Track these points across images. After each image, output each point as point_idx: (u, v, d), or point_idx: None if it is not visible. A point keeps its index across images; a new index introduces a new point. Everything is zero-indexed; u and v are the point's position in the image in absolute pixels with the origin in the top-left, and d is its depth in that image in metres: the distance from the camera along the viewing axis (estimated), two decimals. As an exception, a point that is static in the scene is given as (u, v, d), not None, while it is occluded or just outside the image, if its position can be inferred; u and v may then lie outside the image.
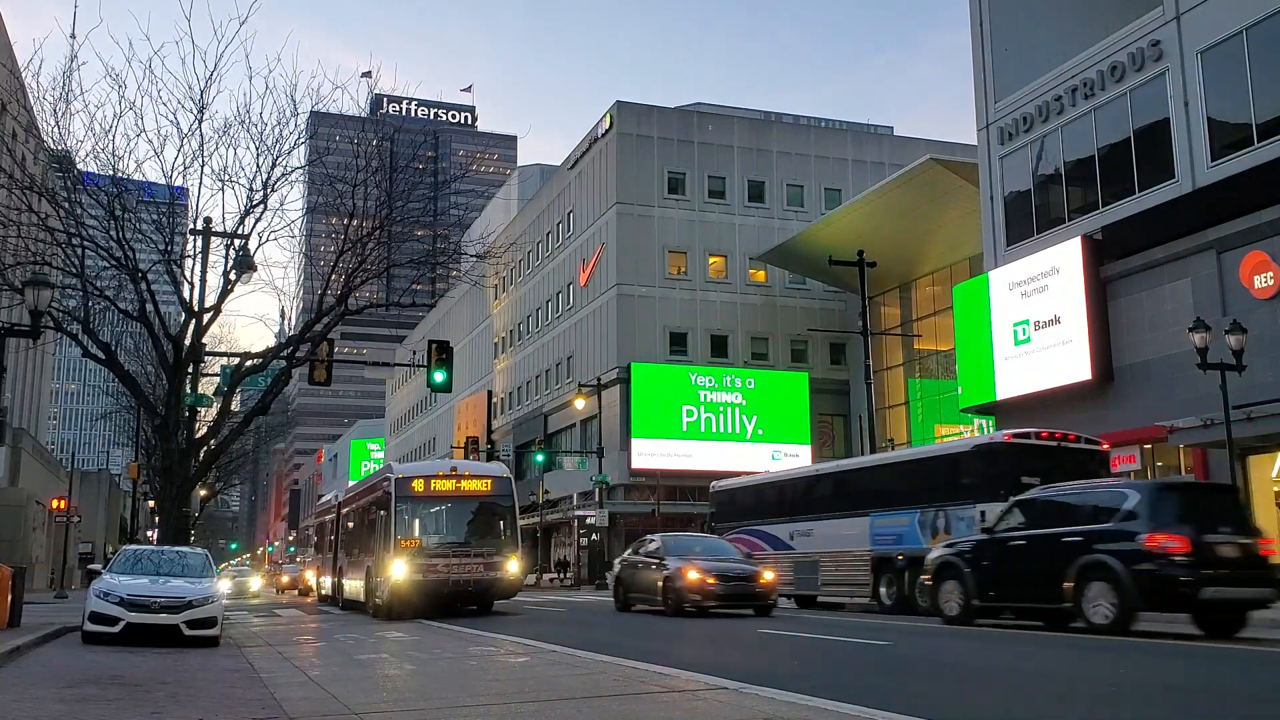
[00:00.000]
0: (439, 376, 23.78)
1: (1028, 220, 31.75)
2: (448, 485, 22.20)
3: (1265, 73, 24.53)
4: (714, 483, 29.94)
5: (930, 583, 17.37)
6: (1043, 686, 9.32)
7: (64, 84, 24.16)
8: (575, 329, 56.90)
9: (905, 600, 20.52)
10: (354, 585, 25.46)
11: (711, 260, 54.02)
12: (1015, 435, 20.09)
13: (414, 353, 63.42)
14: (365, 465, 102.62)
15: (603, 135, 54.45)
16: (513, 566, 21.73)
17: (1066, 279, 29.02)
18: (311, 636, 18.06)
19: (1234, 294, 24.84)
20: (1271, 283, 23.99)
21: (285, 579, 56.28)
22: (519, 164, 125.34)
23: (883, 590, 21.44)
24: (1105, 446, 21.19)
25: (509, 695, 9.09)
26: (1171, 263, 26.77)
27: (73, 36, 31.93)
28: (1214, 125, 25.85)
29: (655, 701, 8.50)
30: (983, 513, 18.26)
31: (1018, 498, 16.44)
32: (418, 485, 22.05)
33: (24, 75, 27.35)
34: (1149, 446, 27.97)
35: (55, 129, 22.79)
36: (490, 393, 69.53)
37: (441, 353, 24.15)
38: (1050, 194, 31.34)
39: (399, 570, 20.62)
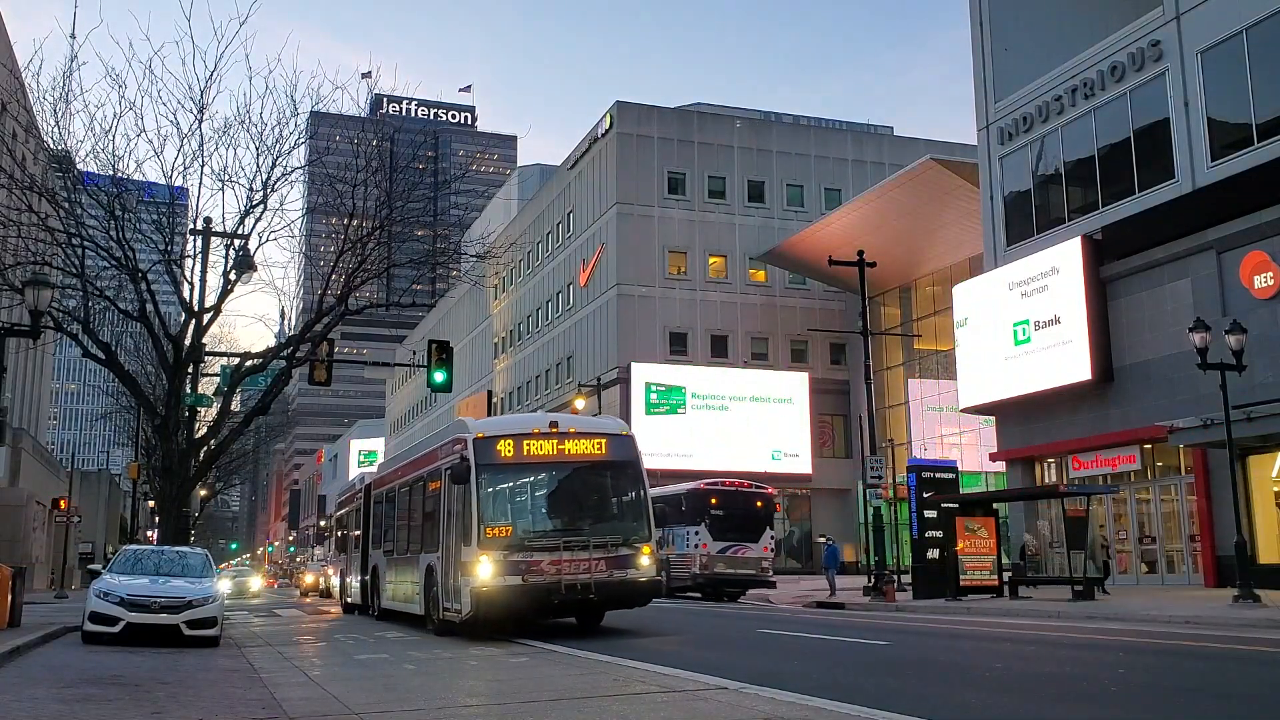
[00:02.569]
0: (439, 376, 23.76)
1: (1028, 220, 31.74)
2: (547, 448, 15.80)
3: (1265, 73, 24.52)
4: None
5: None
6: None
7: (64, 84, 24.13)
8: (575, 329, 56.89)
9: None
10: (402, 589, 19.62)
11: (711, 260, 54.00)
12: (707, 484, 31.39)
13: (414, 353, 63.37)
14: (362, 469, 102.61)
15: (603, 135, 54.44)
16: (645, 561, 15.51)
17: (1066, 279, 29.01)
18: (312, 636, 18.05)
19: (1234, 294, 24.83)
20: (1271, 283, 23.98)
21: (309, 579, 51.68)
22: (519, 164, 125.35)
23: None
24: (771, 491, 32.39)
25: (509, 695, 9.09)
26: (1171, 263, 26.76)
27: (73, 37, 31.98)
28: (1214, 125, 25.84)
29: (655, 701, 8.50)
30: (694, 532, 30.05)
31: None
32: (505, 448, 15.58)
33: (24, 75, 27.36)
34: (1149, 446, 27.97)
35: (55, 129, 22.79)
36: (490, 393, 69.53)
37: (441, 353, 24.12)
38: (1050, 194, 31.34)
39: (485, 570, 14.56)
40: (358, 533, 24.78)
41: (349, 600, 25.84)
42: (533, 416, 19.74)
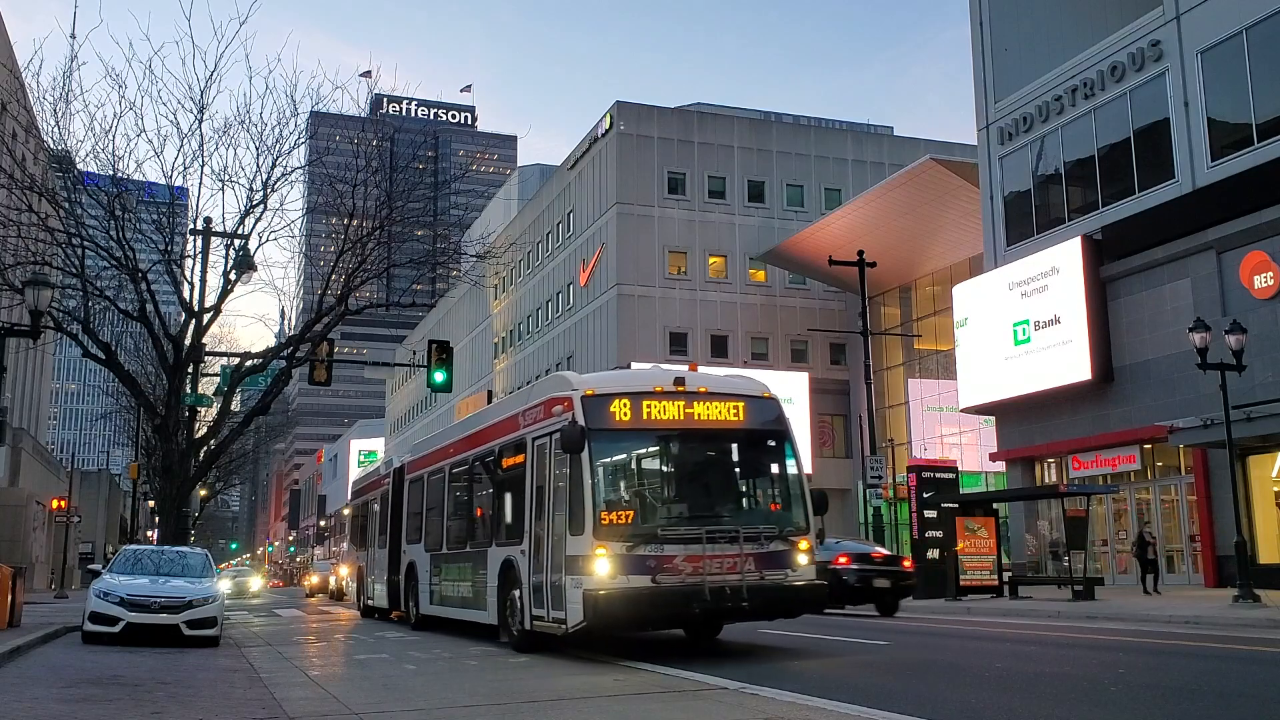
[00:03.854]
0: (439, 376, 23.76)
1: (1028, 220, 31.74)
2: (671, 411, 12.17)
3: (1265, 73, 24.52)
4: None
5: None
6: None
7: (64, 84, 24.20)
8: (575, 329, 56.89)
9: None
10: (456, 591, 15.90)
11: (711, 260, 53.99)
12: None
13: (414, 353, 63.38)
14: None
15: (603, 135, 54.44)
16: (803, 560, 12.04)
17: (1066, 279, 29.01)
18: (313, 636, 18.04)
19: (1234, 294, 24.83)
20: (1271, 283, 23.98)
21: (315, 578, 47.98)
22: (519, 164, 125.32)
23: None
24: None
25: (509, 695, 9.09)
26: (1171, 263, 26.76)
27: (73, 36, 31.99)
28: (1214, 125, 25.85)
29: (655, 701, 8.50)
30: None
31: None
32: (621, 410, 12.00)
33: (24, 75, 27.36)
34: (1149, 446, 27.97)
35: (55, 129, 22.81)
36: (490, 393, 69.49)
37: (441, 353, 24.13)
38: (1050, 194, 31.33)
39: (603, 568, 11.12)
40: (384, 525, 21.30)
41: (369, 602, 22.57)
42: (647, 371, 14.85)
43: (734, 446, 13.02)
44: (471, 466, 15.81)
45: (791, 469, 12.76)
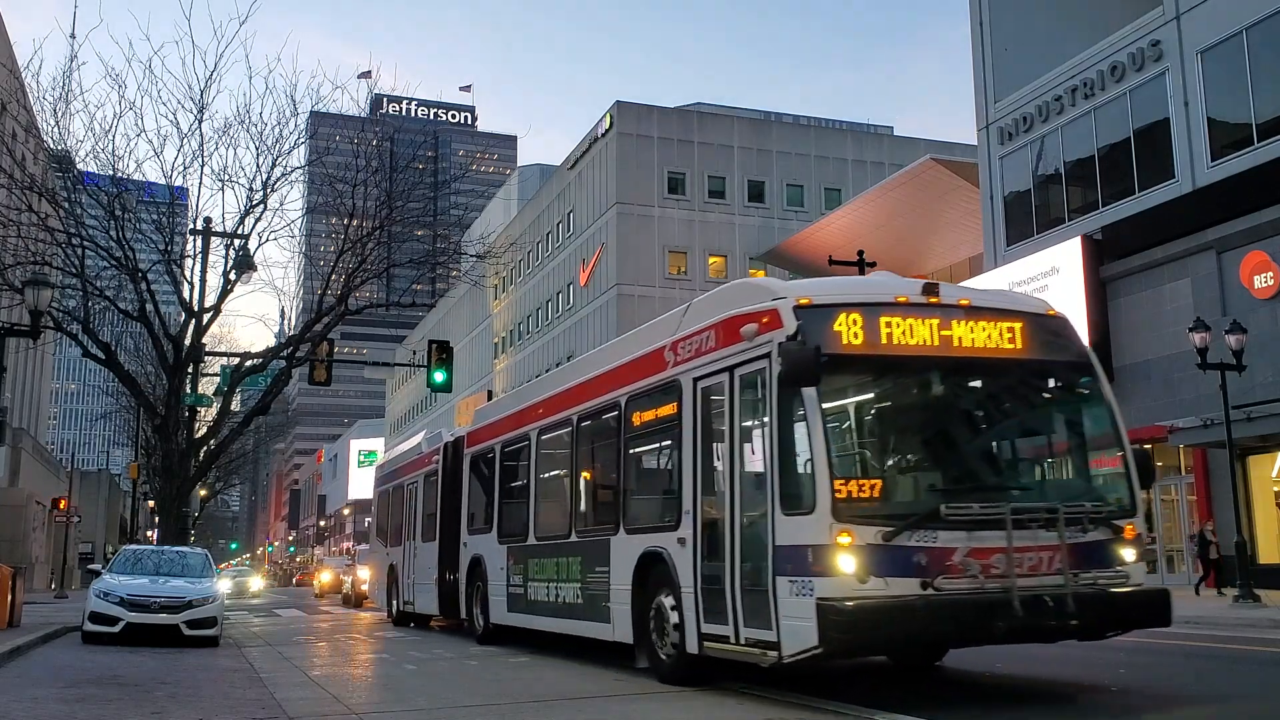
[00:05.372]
0: (439, 376, 23.74)
1: (1028, 220, 31.73)
2: (922, 332, 8.23)
3: (1265, 73, 24.52)
4: None
5: None
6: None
7: (64, 84, 24.24)
8: (575, 329, 56.89)
9: None
10: (559, 594, 12.10)
11: (711, 260, 54.01)
12: None
13: (414, 353, 63.40)
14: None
15: (602, 135, 54.46)
16: (1130, 554, 8.19)
17: (1066, 279, 28.99)
18: (314, 637, 18.03)
19: (1234, 294, 24.82)
20: (1271, 283, 23.97)
21: (327, 576, 41.93)
22: (519, 164, 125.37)
23: None
24: None
25: (510, 695, 9.08)
26: (1171, 263, 26.75)
27: (73, 36, 31.96)
28: (1214, 125, 25.84)
29: (656, 701, 8.49)
30: None
31: None
32: (848, 329, 8.03)
33: (24, 75, 27.36)
34: (1149, 446, 27.90)
35: (55, 129, 22.84)
36: (490, 393, 69.40)
37: (441, 353, 24.11)
38: (1050, 194, 31.33)
39: (848, 564, 7.38)
40: (431, 514, 17.75)
41: (405, 608, 19.19)
42: (875, 277, 11.08)
43: (1021, 386, 8.98)
44: (577, 428, 12.07)
45: (1108, 420, 8.77)
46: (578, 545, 11.59)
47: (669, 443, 9.91)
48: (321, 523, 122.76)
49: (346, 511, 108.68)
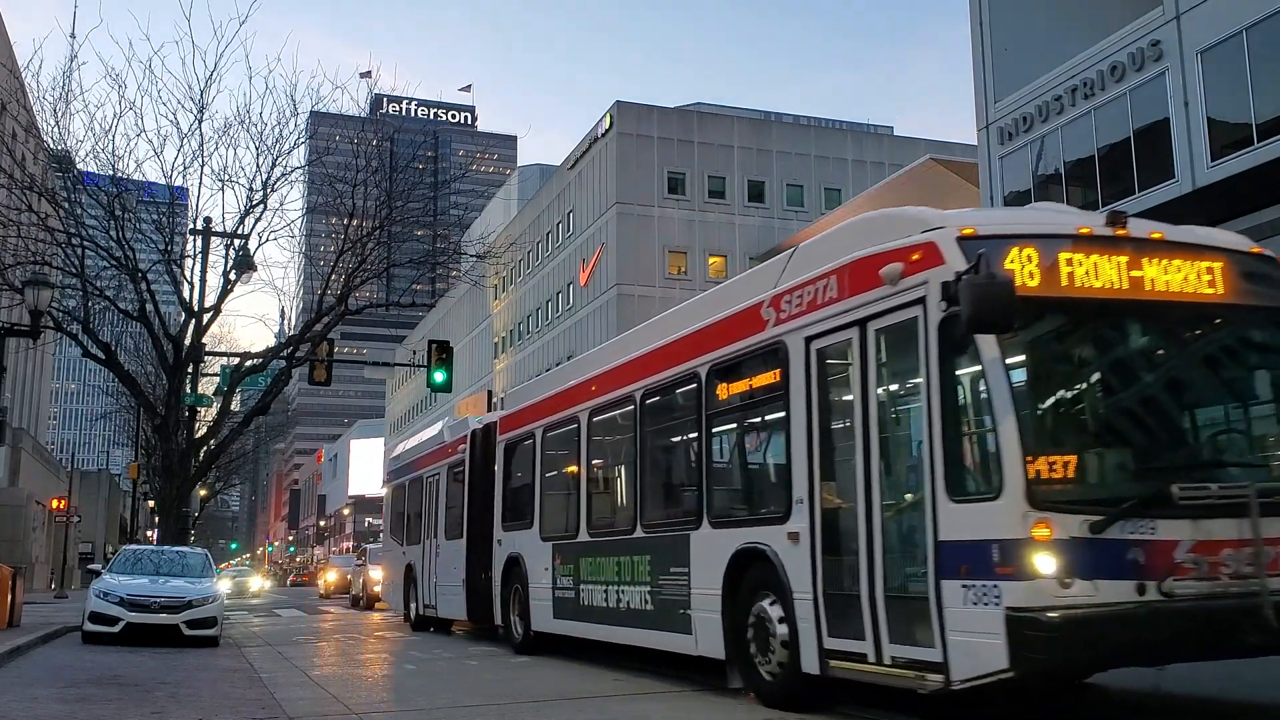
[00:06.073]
0: (439, 376, 23.75)
1: (1028, 220, 31.74)
2: (1109, 271, 6.59)
3: (1265, 73, 24.53)
4: None
5: None
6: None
7: (64, 84, 24.27)
8: (575, 329, 56.90)
9: None
10: (622, 598, 10.43)
11: (711, 260, 54.02)
12: None
13: (414, 353, 63.41)
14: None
15: (602, 135, 54.48)
16: None
17: (1066, 279, 29.01)
18: (313, 637, 18.03)
19: (1234, 294, 24.84)
20: (1271, 283, 23.99)
21: (332, 575, 40.12)
22: (519, 164, 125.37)
23: None
24: None
25: (510, 695, 9.08)
26: (1171, 263, 26.77)
27: (73, 36, 32.02)
28: (1214, 125, 25.85)
29: (656, 701, 8.49)
30: None
31: None
32: (1025, 266, 6.33)
33: (24, 75, 27.38)
34: None
35: (55, 129, 22.87)
36: (490, 393, 69.44)
37: (441, 353, 24.12)
38: (1050, 194, 31.31)
39: (1046, 565, 5.77)
40: (458, 508, 16.27)
41: (422, 611, 17.79)
42: (1043, 208, 9.45)
43: (1231, 338, 7.25)
44: (641, 406, 10.45)
45: None
46: (645, 542, 10.08)
47: (770, 418, 8.45)
48: (321, 523, 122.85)
49: (346, 511, 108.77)
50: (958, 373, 6.35)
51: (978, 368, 6.13)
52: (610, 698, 8.71)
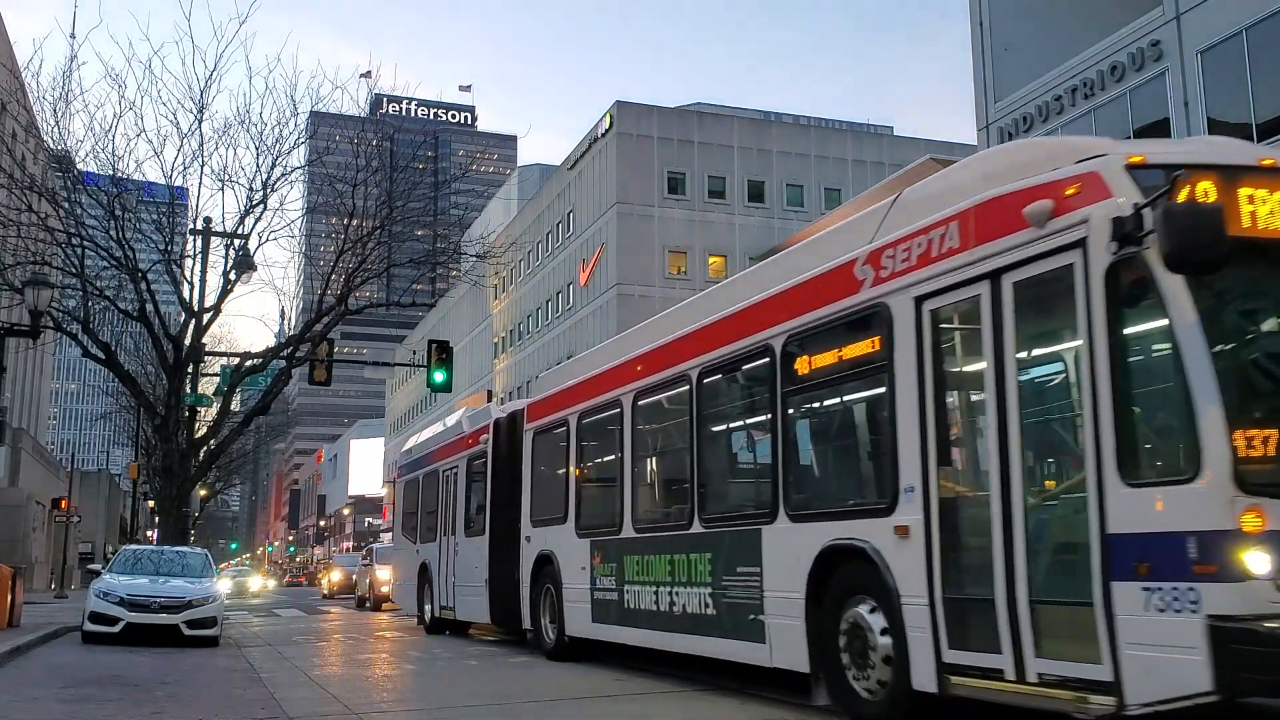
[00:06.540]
0: (439, 376, 23.74)
1: (1028, 220, 31.74)
2: None
3: (1265, 73, 24.53)
4: None
5: None
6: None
7: (64, 84, 24.23)
8: (575, 329, 56.90)
9: None
10: (676, 601, 9.42)
11: (711, 260, 54.02)
12: None
13: (414, 353, 63.42)
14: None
15: (602, 135, 54.47)
16: None
17: (1067, 279, 29.00)
18: (313, 637, 18.03)
19: (1234, 294, 24.85)
20: (1272, 283, 24.00)
21: (336, 575, 39.25)
22: (519, 164, 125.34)
23: None
24: None
25: (510, 695, 9.07)
26: (1172, 263, 26.77)
27: (73, 36, 32.04)
28: (1214, 125, 25.84)
29: (656, 701, 8.49)
30: None
31: None
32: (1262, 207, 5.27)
33: (24, 75, 27.37)
34: (1149, 446, 27.93)
35: (55, 129, 22.84)
36: (490, 393, 69.49)
37: (441, 353, 24.11)
38: (1050, 194, 31.36)
39: (1259, 563, 4.74)
40: (481, 503, 15.21)
41: (439, 613, 16.76)
42: (1200, 139, 8.52)
43: None
44: (698, 386, 9.44)
45: None
46: (704, 538, 8.97)
47: (867, 394, 7.35)
48: (321, 523, 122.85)
49: (346, 511, 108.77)
50: (1130, 330, 5.28)
51: (1159, 323, 5.11)
52: (611, 698, 8.68)
